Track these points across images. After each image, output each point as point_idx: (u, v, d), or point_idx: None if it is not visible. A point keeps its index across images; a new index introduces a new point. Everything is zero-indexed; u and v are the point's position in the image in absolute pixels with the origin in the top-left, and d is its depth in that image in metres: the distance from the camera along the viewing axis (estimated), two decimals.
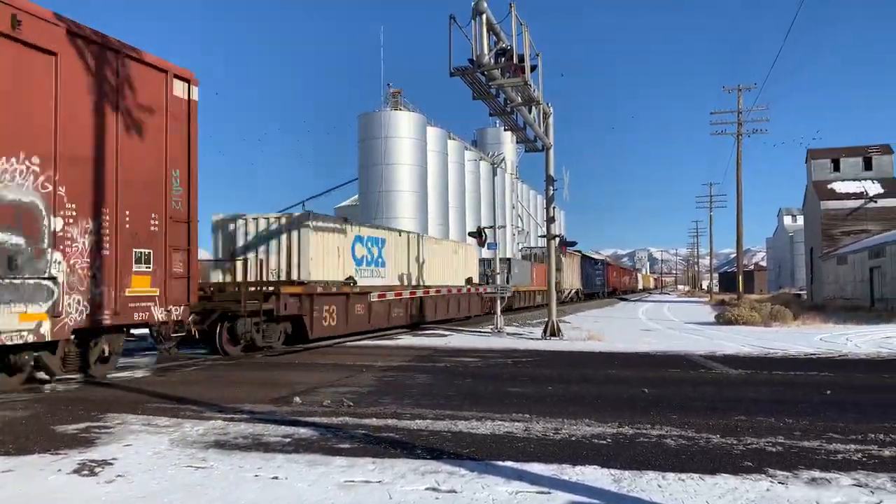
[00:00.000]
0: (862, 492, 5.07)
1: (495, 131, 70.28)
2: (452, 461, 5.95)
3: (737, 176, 42.79)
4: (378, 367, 12.82)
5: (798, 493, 5.06)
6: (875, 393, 9.77)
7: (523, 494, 5.06)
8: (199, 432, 7.16)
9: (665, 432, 7.06)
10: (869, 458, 6.02)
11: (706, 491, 5.11)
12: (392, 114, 53.69)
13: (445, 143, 60.27)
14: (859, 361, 13.89)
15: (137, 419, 7.88)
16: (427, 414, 8.11)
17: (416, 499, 4.99)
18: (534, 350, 16.40)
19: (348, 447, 6.47)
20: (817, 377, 11.42)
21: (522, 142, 20.83)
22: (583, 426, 7.39)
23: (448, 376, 11.70)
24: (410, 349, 16.62)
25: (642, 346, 17.17)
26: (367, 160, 53.22)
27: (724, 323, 27.18)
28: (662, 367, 13.01)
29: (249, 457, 6.14)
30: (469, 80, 15.36)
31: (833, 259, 44.50)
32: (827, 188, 46.42)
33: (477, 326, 24.72)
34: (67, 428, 7.41)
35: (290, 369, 12.91)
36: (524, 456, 6.11)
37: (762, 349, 16.35)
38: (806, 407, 8.51)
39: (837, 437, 6.82)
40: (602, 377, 11.68)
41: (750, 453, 6.18)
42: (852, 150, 47.44)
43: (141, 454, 6.26)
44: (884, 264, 35.09)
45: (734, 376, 11.63)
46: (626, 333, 21.86)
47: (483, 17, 14.28)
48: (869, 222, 44.19)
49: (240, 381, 11.34)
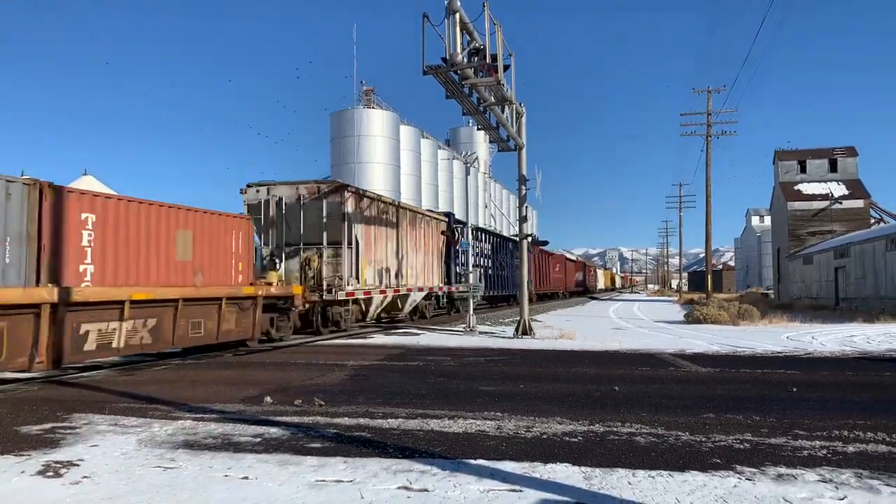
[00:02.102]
0: (827, 487, 5.16)
1: (468, 130, 70.51)
2: (424, 460, 5.94)
3: (706, 177, 43.34)
4: (350, 366, 12.77)
5: (765, 488, 5.14)
6: (839, 390, 9.96)
7: (495, 492, 5.07)
8: (168, 432, 7.07)
9: (635, 430, 7.12)
10: (834, 454, 6.13)
11: (675, 488, 5.17)
12: (365, 112, 53.57)
13: (419, 142, 60.27)
14: (824, 359, 14.14)
15: (104, 419, 7.76)
16: (399, 413, 8.09)
17: (387, 497, 4.97)
18: (506, 349, 16.45)
19: (319, 447, 6.43)
20: (784, 375, 11.60)
21: (495, 141, 20.87)
22: (554, 424, 7.42)
23: (420, 375, 11.69)
24: (382, 348, 16.57)
25: (613, 345, 17.31)
26: (339, 159, 53.04)
27: (693, 321, 27.52)
28: (633, 365, 13.13)
29: (219, 457, 6.07)
30: (442, 79, 15.35)
31: (799, 259, 45.32)
32: (794, 189, 47.26)
33: (449, 325, 24.72)
34: (31, 429, 7.26)
35: (262, 368, 12.80)
36: (496, 454, 6.12)
37: (730, 347, 16.59)
38: (773, 404, 8.65)
39: (803, 433, 6.93)
40: (573, 375, 11.75)
41: (718, 450, 6.26)
42: (818, 152, 48.36)
43: (108, 455, 6.15)
44: (848, 264, 35.84)
45: (703, 374, 11.78)
46: (598, 332, 22.02)
47: (456, 17, 14.28)
48: (834, 223, 45.09)
49: (210, 380, 11.21)
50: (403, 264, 24.29)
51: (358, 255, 20.39)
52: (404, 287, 24.17)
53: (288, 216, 20.12)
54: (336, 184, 20.53)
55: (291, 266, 20.13)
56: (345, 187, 20.14)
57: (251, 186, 20.45)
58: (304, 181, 20.35)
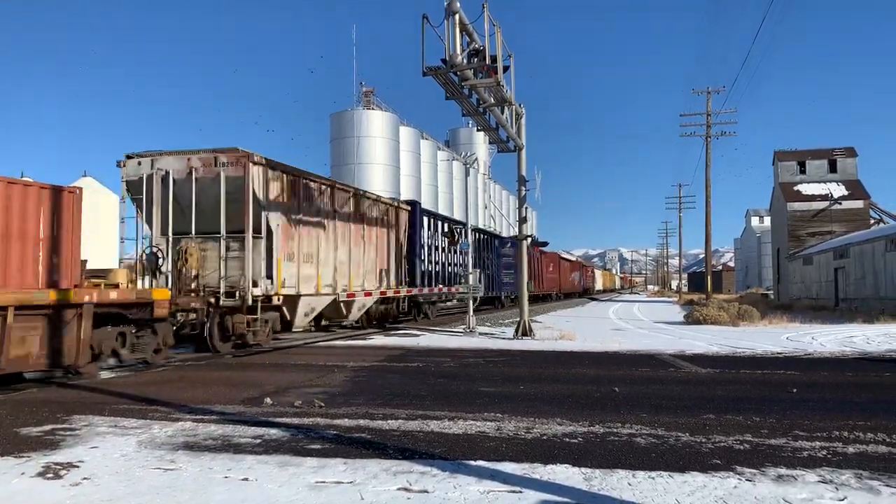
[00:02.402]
0: (827, 488, 5.16)
1: (468, 131, 70.49)
2: (424, 461, 5.94)
3: (706, 177, 43.37)
4: (350, 368, 12.77)
5: (765, 489, 5.13)
6: (839, 391, 9.96)
7: (495, 493, 5.07)
8: (168, 434, 7.06)
9: (635, 431, 7.12)
10: (833, 454, 6.13)
11: (675, 489, 5.16)
12: (365, 113, 53.58)
13: (418, 143, 60.28)
14: (824, 360, 14.14)
15: (104, 421, 7.75)
16: (399, 414, 8.09)
17: (387, 499, 4.97)
18: (506, 350, 16.44)
19: (319, 448, 6.43)
20: (784, 376, 11.60)
21: (495, 142, 20.88)
22: (554, 425, 7.42)
23: (420, 376, 11.69)
24: (382, 349, 16.57)
25: (613, 346, 17.31)
26: (339, 160, 53.04)
27: (693, 322, 27.52)
28: (633, 366, 13.13)
29: (219, 458, 6.07)
30: (442, 80, 15.35)
31: (799, 259, 45.33)
32: (793, 190, 47.26)
33: (449, 326, 24.72)
34: (31, 430, 7.26)
35: (261, 369, 12.80)
36: (496, 455, 6.12)
37: (730, 348, 16.58)
38: (773, 405, 8.65)
39: (803, 434, 6.93)
40: (573, 376, 11.75)
41: (718, 451, 6.26)
42: (818, 152, 48.35)
43: (108, 456, 6.15)
44: (847, 265, 35.84)
45: (703, 375, 11.77)
46: (597, 333, 22.02)
47: (456, 18, 14.28)
48: (834, 223, 45.08)
49: (210, 381, 11.21)
50: (347, 261, 19.56)
51: (272, 248, 15.60)
52: (345, 289, 19.27)
53: (178, 197, 15.46)
54: (238, 152, 15.15)
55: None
56: (248, 156, 14.97)
57: (132, 158, 15.73)
58: (197, 150, 15.50)
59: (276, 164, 16.06)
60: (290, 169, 16.82)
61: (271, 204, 15.72)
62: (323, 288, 18.14)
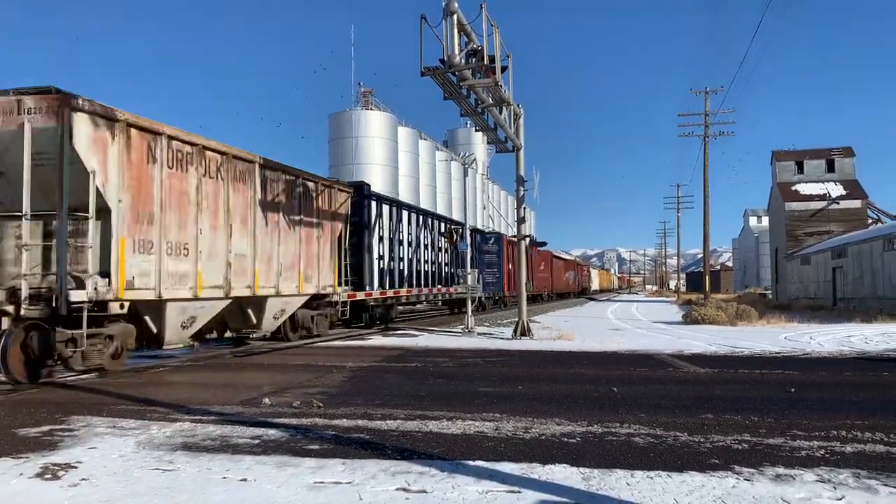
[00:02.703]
0: (825, 487, 5.17)
1: (466, 132, 70.54)
2: (423, 461, 5.94)
3: (704, 177, 43.42)
4: (348, 368, 12.76)
5: (763, 489, 5.14)
6: (837, 391, 9.97)
7: (493, 493, 5.07)
8: (167, 434, 7.06)
9: (634, 431, 7.12)
10: (832, 454, 6.14)
11: (674, 488, 5.17)
12: (363, 113, 53.58)
13: (417, 143, 60.28)
14: (822, 360, 14.16)
15: (102, 421, 7.74)
16: (398, 414, 8.09)
17: (386, 499, 4.97)
18: (504, 350, 16.44)
19: (318, 448, 6.42)
20: (782, 375, 11.61)
21: (493, 142, 20.88)
22: (553, 425, 7.42)
23: (419, 376, 11.69)
24: (381, 349, 16.57)
25: (611, 346, 17.32)
26: (337, 160, 53.04)
27: (691, 322, 27.54)
28: (631, 365, 13.13)
29: (217, 459, 6.07)
30: (440, 80, 15.36)
31: (797, 259, 45.38)
32: (791, 190, 47.31)
33: (447, 326, 24.72)
34: (29, 431, 7.25)
35: (260, 370, 12.79)
36: (494, 455, 6.12)
37: (728, 348, 16.60)
38: (771, 405, 8.66)
39: (801, 434, 6.94)
40: (572, 376, 11.76)
41: (717, 451, 6.27)
42: (815, 152, 48.41)
43: (106, 457, 6.14)
44: (846, 264, 35.89)
45: (701, 375, 11.78)
46: (596, 333, 22.02)
47: (454, 18, 14.28)
48: (832, 223, 45.15)
49: (208, 382, 11.20)
50: (250, 254, 15.05)
51: (109, 234, 11.22)
52: (247, 287, 14.89)
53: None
54: (51, 94, 10.58)
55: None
56: (67, 101, 10.43)
57: None
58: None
59: (117, 114, 11.29)
60: (144, 123, 11.95)
61: (109, 170, 11.18)
62: (206, 290, 13.50)
